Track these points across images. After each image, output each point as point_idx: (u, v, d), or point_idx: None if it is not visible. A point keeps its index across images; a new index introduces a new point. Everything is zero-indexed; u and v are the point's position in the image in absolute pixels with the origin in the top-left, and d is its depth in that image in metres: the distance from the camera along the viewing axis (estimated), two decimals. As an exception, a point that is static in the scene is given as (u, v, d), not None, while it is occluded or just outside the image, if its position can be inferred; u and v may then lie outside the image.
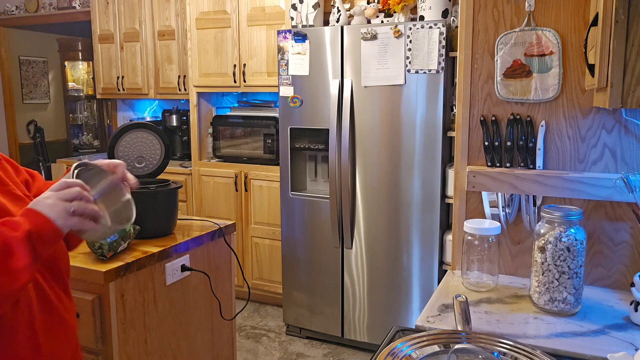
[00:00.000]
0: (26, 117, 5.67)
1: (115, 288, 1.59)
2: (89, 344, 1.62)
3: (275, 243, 3.61)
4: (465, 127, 1.59)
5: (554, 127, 1.49)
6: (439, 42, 2.65)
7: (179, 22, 4.05)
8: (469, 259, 1.47)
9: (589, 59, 1.29)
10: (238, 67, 3.66)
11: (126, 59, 4.37)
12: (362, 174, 2.96)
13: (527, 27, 1.47)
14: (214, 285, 2.03)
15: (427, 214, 2.82)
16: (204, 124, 4.00)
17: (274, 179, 3.54)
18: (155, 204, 1.86)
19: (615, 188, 1.39)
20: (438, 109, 2.72)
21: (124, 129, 1.97)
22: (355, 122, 2.92)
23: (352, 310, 3.09)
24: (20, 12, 5.20)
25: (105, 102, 5.29)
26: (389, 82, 2.80)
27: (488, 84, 1.55)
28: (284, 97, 3.10)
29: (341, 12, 3.04)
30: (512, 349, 0.98)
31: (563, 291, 1.30)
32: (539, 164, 1.50)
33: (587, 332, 1.23)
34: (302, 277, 3.22)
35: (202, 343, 2.02)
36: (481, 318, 1.30)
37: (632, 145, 1.41)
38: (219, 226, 2.02)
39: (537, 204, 1.53)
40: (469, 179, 1.55)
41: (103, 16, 4.42)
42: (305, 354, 3.11)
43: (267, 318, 3.60)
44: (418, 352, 0.96)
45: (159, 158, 2.03)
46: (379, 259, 2.97)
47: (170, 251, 1.79)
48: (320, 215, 3.10)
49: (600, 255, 1.49)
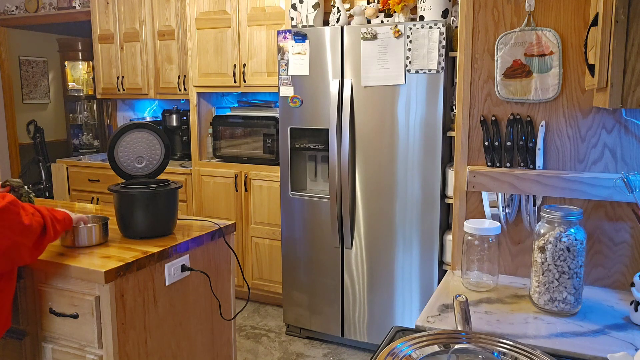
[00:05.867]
0: (26, 117, 5.68)
1: (115, 288, 1.59)
2: (89, 344, 1.62)
3: (275, 243, 3.61)
4: (465, 127, 1.59)
5: (554, 127, 1.49)
6: (439, 42, 2.65)
7: (179, 22, 4.05)
8: (469, 259, 1.47)
9: (589, 59, 1.29)
10: (238, 67, 3.66)
11: (126, 59, 4.37)
12: (362, 174, 2.96)
13: (527, 27, 1.47)
14: (214, 285, 2.03)
15: (427, 214, 2.82)
16: (204, 124, 4.00)
17: (274, 179, 3.54)
18: (155, 204, 1.86)
19: (615, 188, 1.39)
20: (438, 109, 2.72)
21: (124, 129, 1.97)
22: (355, 122, 2.92)
23: (352, 310, 3.09)
24: (20, 12, 5.20)
25: (105, 102, 5.29)
26: (389, 82, 2.80)
27: (488, 84, 1.55)
28: (284, 97, 3.10)
29: (341, 12, 3.04)
30: (512, 349, 0.98)
31: (563, 291, 1.30)
32: (539, 164, 1.50)
33: (587, 332, 1.23)
34: (302, 277, 3.22)
35: (202, 343, 2.02)
36: (481, 318, 1.30)
37: (632, 145, 1.41)
38: (219, 226, 2.02)
39: (537, 204, 1.53)
40: (469, 179, 1.55)
41: (103, 16, 4.42)
42: (305, 354, 3.11)
43: (267, 318, 3.60)
44: (418, 352, 0.96)
45: (159, 158, 2.03)
46: (379, 259, 2.97)
47: (170, 251, 1.79)
48: (320, 215, 3.10)
49: (600, 255, 1.49)
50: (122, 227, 1.89)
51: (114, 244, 1.81)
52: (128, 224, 1.87)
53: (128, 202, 1.84)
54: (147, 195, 1.84)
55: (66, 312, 1.62)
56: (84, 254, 1.69)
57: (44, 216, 1.51)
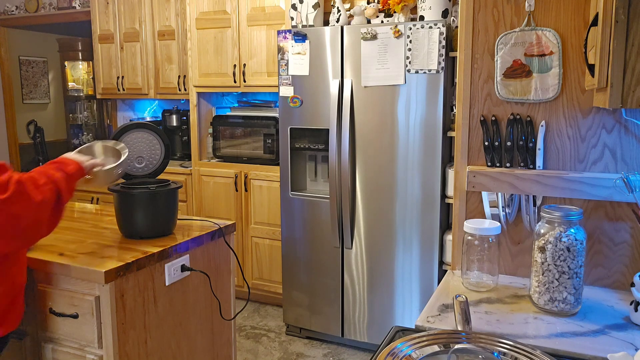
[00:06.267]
0: (26, 117, 5.67)
1: (115, 288, 1.59)
2: (89, 344, 1.62)
3: (275, 243, 3.61)
4: (465, 127, 1.59)
5: (554, 127, 1.49)
6: (439, 42, 2.65)
7: (179, 22, 4.05)
8: (469, 259, 1.47)
9: (589, 59, 1.29)
10: (238, 67, 3.66)
11: (126, 59, 4.37)
12: (362, 174, 2.96)
13: (527, 27, 1.47)
14: (214, 285, 2.03)
15: (427, 214, 2.82)
16: (204, 124, 4.00)
17: (274, 179, 3.54)
18: (155, 204, 1.86)
19: (615, 188, 1.39)
20: (438, 109, 2.72)
21: (124, 129, 1.97)
22: (355, 122, 2.92)
23: (352, 310, 3.09)
24: (20, 12, 5.20)
25: (105, 102, 5.29)
26: (389, 82, 2.80)
27: (488, 84, 1.55)
28: (284, 97, 3.10)
29: (341, 12, 3.04)
30: (512, 349, 0.98)
31: (563, 291, 1.30)
32: (539, 164, 1.50)
33: (587, 332, 1.23)
34: (302, 277, 3.22)
35: (202, 343, 2.02)
36: (481, 318, 1.30)
37: (632, 145, 1.41)
38: (218, 226, 2.02)
39: (537, 204, 1.53)
40: (469, 179, 1.55)
41: (103, 16, 4.42)
42: (305, 354, 3.11)
43: (267, 318, 3.60)
44: (418, 352, 0.96)
45: (159, 158, 2.03)
46: (379, 259, 2.97)
47: (170, 251, 1.79)
48: (320, 215, 3.10)
49: (600, 255, 1.49)
50: (122, 227, 1.89)
51: (114, 244, 1.81)
52: (128, 224, 1.87)
53: (128, 202, 1.84)
54: (147, 195, 1.84)
55: (66, 312, 1.62)
56: (84, 254, 1.69)
57: (55, 181, 1.47)
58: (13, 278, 1.51)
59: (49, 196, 1.44)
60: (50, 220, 1.47)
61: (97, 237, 1.88)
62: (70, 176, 1.53)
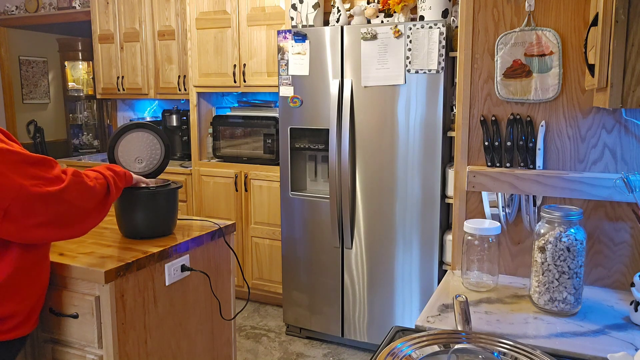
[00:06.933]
0: (26, 117, 5.67)
1: (115, 288, 1.59)
2: (89, 344, 1.62)
3: (275, 243, 3.61)
4: (465, 127, 1.59)
5: (554, 127, 1.49)
6: (439, 42, 2.65)
7: (179, 22, 4.05)
8: (469, 259, 1.47)
9: (589, 59, 1.29)
10: (238, 67, 3.66)
11: (126, 59, 4.37)
12: (362, 174, 2.96)
13: (527, 27, 1.47)
14: (214, 285, 2.03)
15: (427, 214, 2.82)
16: (204, 124, 4.00)
17: (274, 179, 3.54)
18: (155, 204, 1.86)
19: (615, 188, 1.39)
20: (438, 109, 2.72)
21: (124, 129, 1.97)
22: (355, 122, 2.92)
23: (352, 310, 3.09)
24: (20, 12, 5.20)
25: (105, 102, 5.29)
26: (389, 82, 2.80)
27: (488, 84, 1.55)
28: (284, 97, 3.10)
29: (341, 12, 3.04)
30: (512, 349, 0.98)
31: (563, 291, 1.30)
32: (539, 164, 1.50)
33: (587, 332, 1.23)
34: (302, 277, 3.22)
35: (202, 343, 2.02)
36: (481, 318, 1.30)
37: (632, 145, 1.41)
38: (218, 226, 2.02)
39: (537, 204, 1.53)
40: (469, 179, 1.55)
41: (103, 16, 4.42)
42: (305, 354, 3.11)
43: (267, 318, 3.60)
44: (418, 352, 0.96)
45: (159, 158, 2.02)
46: (379, 259, 2.97)
47: (170, 251, 1.79)
48: (320, 215, 3.10)
49: (600, 255, 1.49)
50: (122, 227, 1.89)
51: (114, 244, 1.81)
52: (128, 223, 1.87)
53: (128, 202, 1.84)
54: (147, 195, 1.84)
55: (66, 312, 1.62)
56: (84, 254, 1.69)
57: (105, 176, 1.59)
58: (41, 276, 1.54)
59: (99, 188, 1.54)
60: (99, 211, 1.55)
61: (97, 237, 1.88)
62: (119, 176, 1.66)
